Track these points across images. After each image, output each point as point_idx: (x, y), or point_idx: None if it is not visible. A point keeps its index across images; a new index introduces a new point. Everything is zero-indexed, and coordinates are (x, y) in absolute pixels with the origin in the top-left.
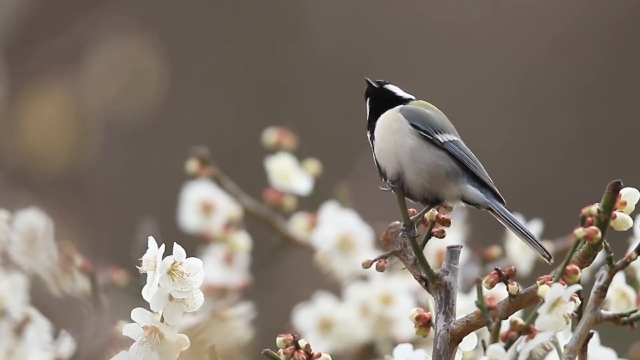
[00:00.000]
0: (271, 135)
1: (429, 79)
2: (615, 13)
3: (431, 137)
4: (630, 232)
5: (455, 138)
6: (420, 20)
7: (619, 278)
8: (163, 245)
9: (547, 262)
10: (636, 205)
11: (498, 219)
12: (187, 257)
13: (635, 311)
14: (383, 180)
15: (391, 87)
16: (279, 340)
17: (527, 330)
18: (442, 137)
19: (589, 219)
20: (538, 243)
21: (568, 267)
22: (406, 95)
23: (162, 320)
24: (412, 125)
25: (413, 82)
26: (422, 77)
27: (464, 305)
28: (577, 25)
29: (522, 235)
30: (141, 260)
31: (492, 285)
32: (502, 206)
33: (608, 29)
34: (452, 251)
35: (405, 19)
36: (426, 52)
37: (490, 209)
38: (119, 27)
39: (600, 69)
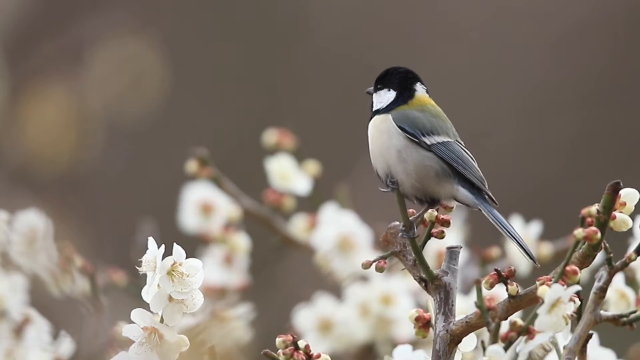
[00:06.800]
0: (271, 136)
1: (430, 80)
2: (617, 14)
3: (417, 140)
4: (630, 232)
5: (447, 139)
6: (421, 21)
7: (619, 279)
8: (163, 246)
9: (534, 264)
10: (636, 206)
11: (489, 218)
12: (186, 257)
13: (634, 312)
14: (379, 181)
15: (376, 97)
16: (278, 340)
17: (527, 331)
18: (429, 140)
19: (589, 219)
20: (525, 246)
21: (567, 268)
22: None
23: (161, 320)
24: (399, 127)
25: None
26: (422, 77)
27: (464, 306)
28: (578, 26)
29: (511, 237)
30: (141, 261)
31: (491, 286)
32: (490, 208)
33: (610, 29)
34: (452, 252)
35: (406, 19)
36: (428, 52)
37: (479, 209)
38: (120, 27)
39: (601, 70)
